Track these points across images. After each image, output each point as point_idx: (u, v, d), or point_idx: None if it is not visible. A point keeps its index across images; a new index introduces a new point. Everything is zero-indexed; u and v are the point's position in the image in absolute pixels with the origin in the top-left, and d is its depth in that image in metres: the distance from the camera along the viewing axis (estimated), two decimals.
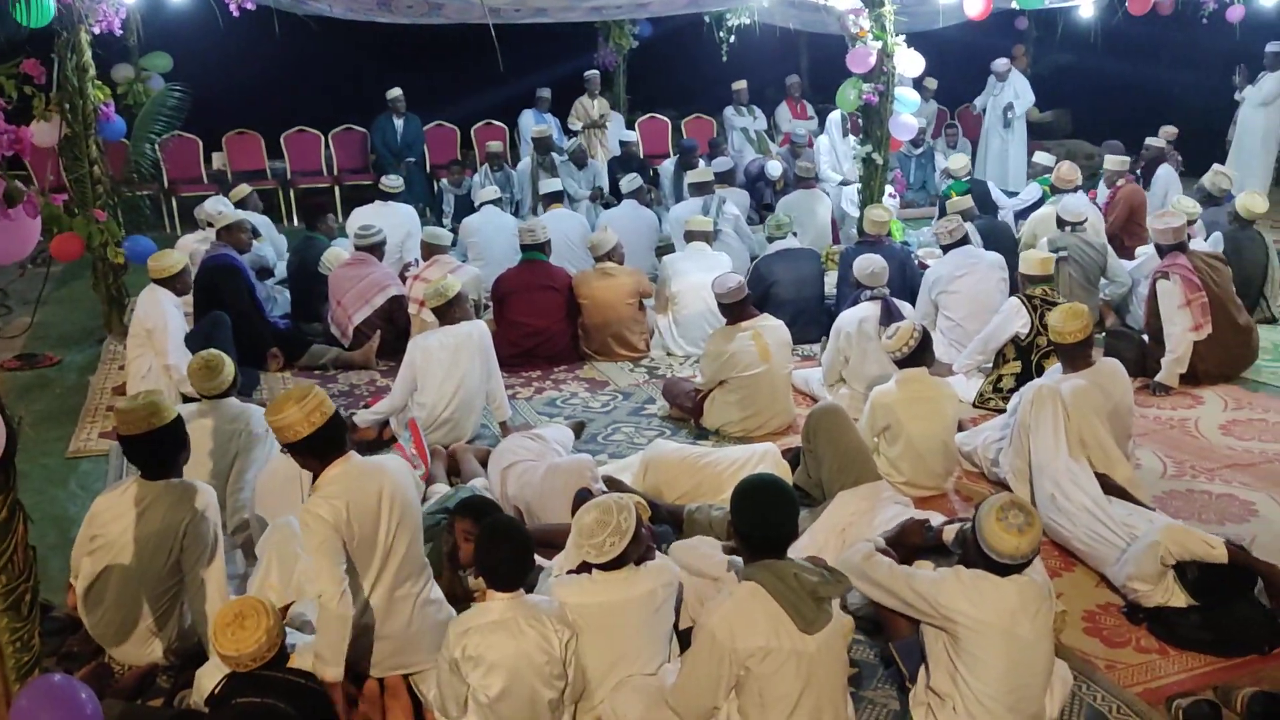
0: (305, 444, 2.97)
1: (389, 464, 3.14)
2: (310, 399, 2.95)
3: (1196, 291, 5.58)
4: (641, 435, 5.33)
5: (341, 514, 2.89)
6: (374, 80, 11.07)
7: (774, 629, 2.66)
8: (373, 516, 2.97)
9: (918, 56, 7.45)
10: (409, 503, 3.08)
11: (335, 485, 2.95)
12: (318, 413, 2.94)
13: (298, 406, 2.93)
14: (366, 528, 2.96)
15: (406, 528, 3.05)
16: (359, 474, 2.99)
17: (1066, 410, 4.00)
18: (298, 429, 2.93)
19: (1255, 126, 10.22)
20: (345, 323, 6.60)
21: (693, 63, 11.74)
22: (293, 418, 2.92)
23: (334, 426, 2.99)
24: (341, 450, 3.02)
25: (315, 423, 2.93)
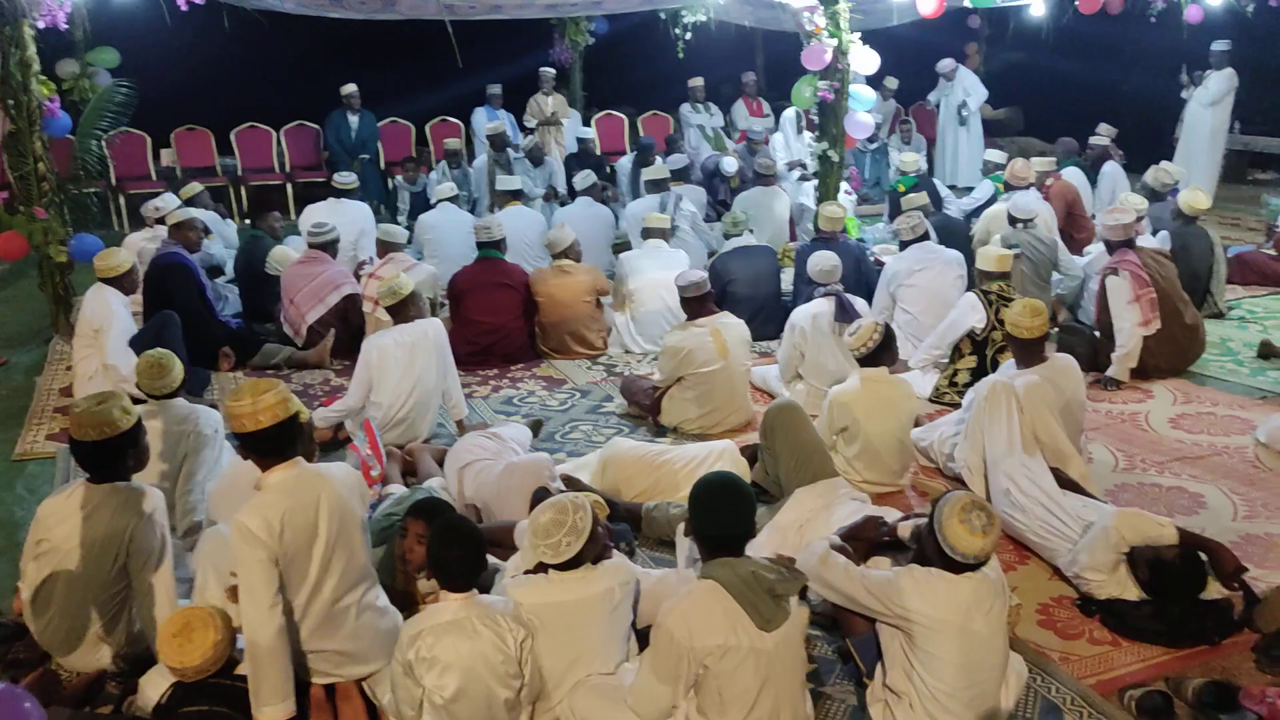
0: (249, 440, 2.88)
1: (333, 472, 3.03)
2: (265, 396, 2.86)
3: (1145, 287, 5.66)
4: (599, 433, 5.31)
5: (274, 527, 2.78)
6: (327, 76, 10.93)
7: (732, 627, 2.66)
8: (309, 528, 2.86)
9: (872, 54, 7.49)
10: (349, 512, 2.97)
11: (271, 494, 2.85)
12: (267, 412, 2.84)
13: (250, 400, 2.84)
14: (301, 540, 2.85)
15: (347, 539, 2.95)
16: (297, 483, 2.88)
17: (1020, 405, 4.04)
18: (243, 422, 2.84)
19: (1202, 125, 10.39)
20: (299, 321, 6.51)
21: (649, 60, 11.73)
22: (242, 409, 2.83)
23: (282, 430, 2.88)
24: (285, 456, 2.91)
25: (261, 421, 2.83)
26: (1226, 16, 9.92)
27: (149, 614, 3.20)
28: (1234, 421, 5.17)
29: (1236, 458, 4.76)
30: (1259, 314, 7.11)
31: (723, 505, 2.82)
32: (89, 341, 5.49)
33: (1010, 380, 4.16)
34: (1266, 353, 6.12)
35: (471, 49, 9.89)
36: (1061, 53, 12.33)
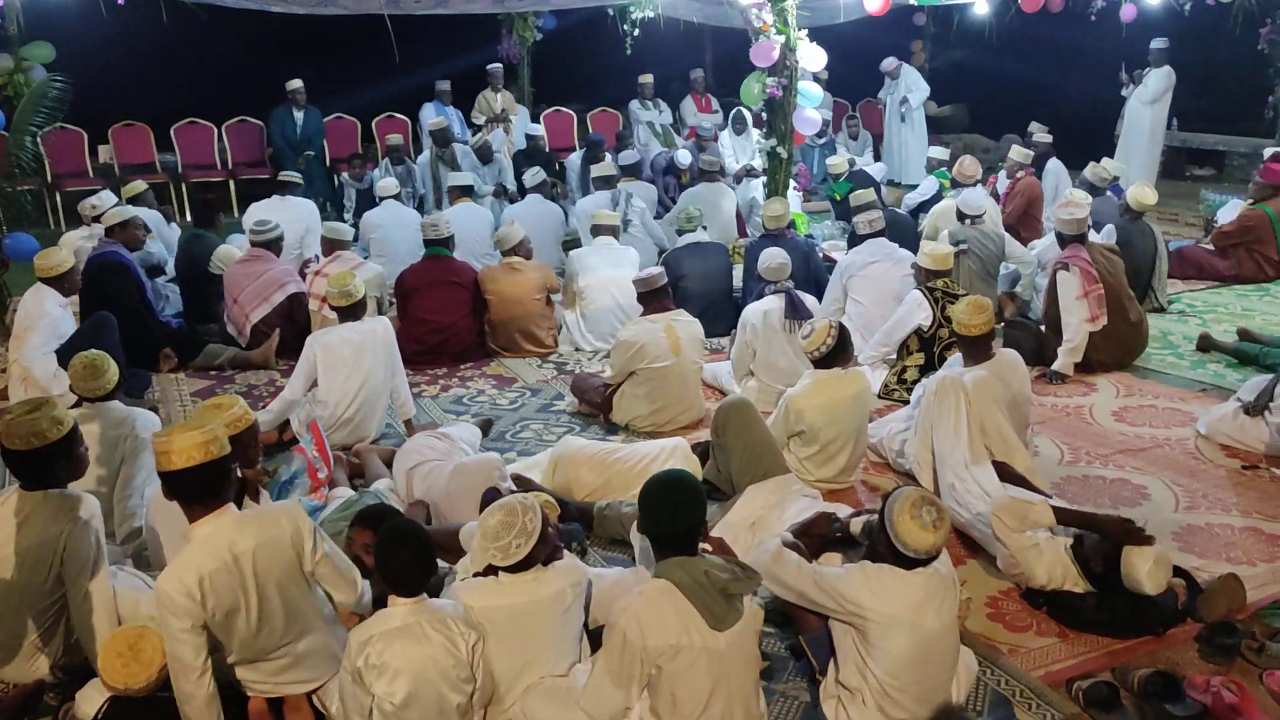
0: (170, 480, 2.74)
1: (266, 523, 2.84)
2: (192, 434, 2.70)
3: (1094, 283, 5.74)
4: (550, 432, 5.28)
5: (195, 593, 2.67)
6: (270, 71, 10.75)
7: (684, 627, 2.64)
8: (234, 591, 2.74)
9: (820, 51, 7.52)
10: (285, 568, 2.83)
11: (193, 553, 2.72)
12: (194, 450, 2.69)
13: (167, 437, 2.69)
14: (226, 602, 2.73)
15: (285, 596, 2.84)
16: (223, 539, 2.74)
17: (969, 400, 4.07)
18: (166, 459, 2.71)
19: (1141, 122, 10.59)
20: (242, 321, 6.39)
21: (597, 56, 11.69)
22: (165, 444, 2.70)
23: (208, 473, 2.73)
24: (211, 503, 2.77)
25: (174, 463, 2.69)
26: (1165, 15, 10.11)
27: (86, 623, 3.11)
28: (1175, 414, 5.26)
29: (1178, 449, 4.84)
30: (1198, 308, 7.25)
31: (672, 502, 2.80)
32: (22, 343, 5.35)
33: (958, 376, 4.19)
34: (1205, 346, 6.24)
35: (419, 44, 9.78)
36: (1005, 51, 12.50)
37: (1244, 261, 7.86)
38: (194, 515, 2.77)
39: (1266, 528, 4.02)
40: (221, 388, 6.01)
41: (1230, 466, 4.62)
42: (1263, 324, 6.68)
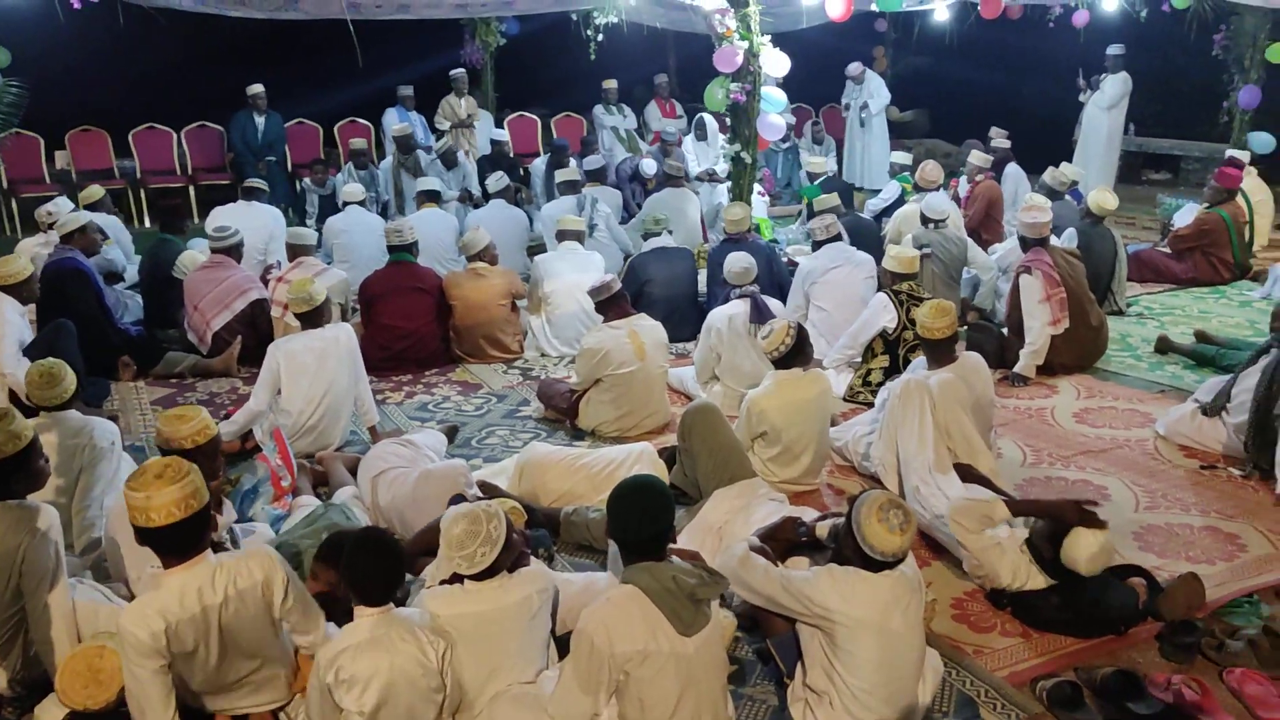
0: (146, 536, 2.66)
1: (235, 569, 2.78)
2: (169, 490, 2.61)
3: (1056, 287, 5.81)
4: (516, 438, 5.26)
5: (160, 638, 2.64)
6: (230, 75, 10.63)
7: (652, 632, 2.64)
8: (196, 641, 2.72)
9: (783, 56, 7.55)
10: (243, 609, 2.77)
11: (162, 598, 2.66)
12: (171, 508, 2.60)
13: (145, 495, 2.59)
14: (187, 648, 2.71)
15: (251, 648, 2.81)
16: (193, 589, 2.69)
17: (933, 403, 4.10)
18: (139, 516, 2.62)
19: (1099, 127, 10.74)
20: (203, 328, 6.31)
21: (561, 61, 11.66)
22: (139, 501, 2.61)
23: (187, 528, 2.65)
24: (186, 554, 2.71)
25: (154, 520, 2.60)
26: (1121, 21, 10.27)
27: (44, 636, 3.06)
28: (1134, 415, 5.34)
29: (1138, 450, 4.91)
30: (1156, 310, 7.36)
31: (640, 508, 2.80)
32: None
33: (923, 379, 4.23)
34: (1163, 348, 6.34)
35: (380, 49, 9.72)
36: (965, 57, 12.62)
37: (1200, 265, 7.99)
38: (168, 564, 2.72)
39: (1224, 527, 4.09)
40: (182, 396, 5.94)
41: (1189, 467, 4.69)
42: (1219, 326, 6.79)
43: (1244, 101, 9.96)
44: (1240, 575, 3.70)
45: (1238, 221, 7.99)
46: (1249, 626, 3.29)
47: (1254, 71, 9.95)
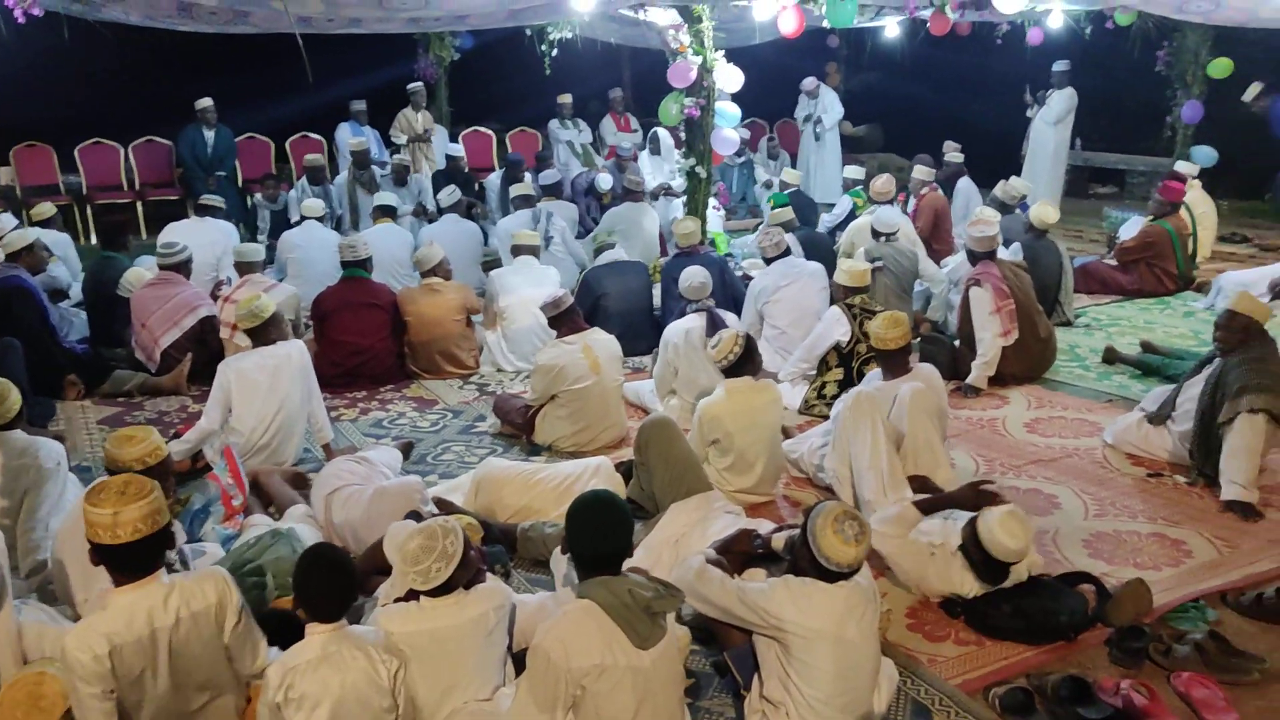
0: (103, 553, 2.63)
1: (187, 591, 2.73)
2: (130, 509, 2.58)
3: (1005, 299, 5.90)
4: (472, 454, 5.23)
5: (104, 661, 2.59)
6: (178, 89, 10.49)
7: (608, 646, 2.64)
8: (141, 665, 2.66)
9: (737, 71, 7.62)
10: (194, 632, 2.72)
11: (108, 619, 2.62)
12: (131, 526, 2.57)
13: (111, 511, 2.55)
14: (133, 674, 2.65)
15: (201, 675, 2.76)
16: (138, 608, 2.65)
17: (881, 414, 4.15)
18: (100, 533, 2.59)
19: (1046, 142, 10.95)
20: (151, 346, 6.22)
21: (516, 76, 11.66)
22: (101, 519, 2.58)
23: (145, 547, 2.62)
24: (140, 575, 2.67)
25: (120, 536, 2.57)
26: (1067, 38, 10.48)
27: None
28: (1083, 424, 5.42)
29: (1086, 459, 4.98)
30: (1103, 321, 7.49)
31: (599, 523, 2.80)
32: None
33: (875, 391, 4.28)
34: (1110, 358, 6.45)
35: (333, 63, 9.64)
36: (917, 72, 12.82)
37: (1145, 276, 8.15)
38: (119, 582, 2.68)
39: (1170, 533, 4.16)
40: (130, 415, 5.84)
41: (1136, 474, 4.77)
42: (1164, 336, 6.92)
43: (1187, 116, 10.21)
44: (1186, 581, 3.76)
45: (1181, 234, 8.16)
46: (1195, 631, 3.35)
47: (1196, 87, 10.21)
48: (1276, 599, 3.51)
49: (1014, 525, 3.40)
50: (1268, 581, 3.70)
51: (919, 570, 3.62)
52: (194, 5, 6.16)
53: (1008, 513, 3.44)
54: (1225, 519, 4.25)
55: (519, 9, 6.95)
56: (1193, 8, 7.24)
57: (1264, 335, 4.51)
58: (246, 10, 6.24)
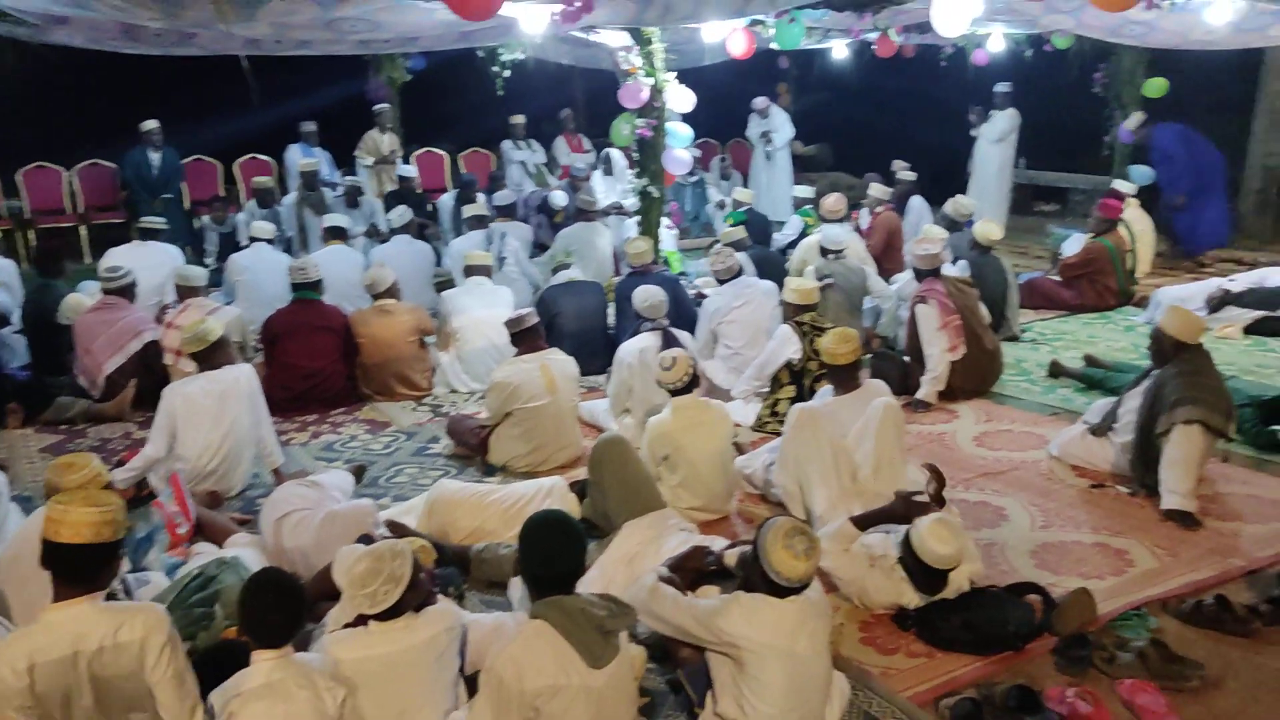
0: (53, 551, 2.62)
1: (118, 618, 2.67)
2: (90, 511, 2.61)
3: (951, 315, 6.00)
4: (426, 476, 5.20)
5: (22, 677, 2.56)
6: (124, 112, 10.37)
7: (562, 666, 2.64)
8: (66, 681, 2.61)
9: (688, 92, 7.70)
10: (116, 663, 2.66)
11: (35, 635, 2.59)
12: (89, 529, 2.60)
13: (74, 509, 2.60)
14: (56, 698, 2.61)
15: (115, 690, 2.68)
16: (65, 628, 2.61)
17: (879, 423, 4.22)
18: (58, 529, 2.60)
19: (990, 161, 11.17)
20: (95, 372, 6.11)
21: (468, 96, 11.68)
22: (61, 514, 2.61)
23: (93, 554, 2.63)
24: (78, 590, 2.64)
25: (61, 536, 2.60)
26: (1009, 59, 10.72)
27: None
28: (1030, 437, 5.51)
29: (1033, 471, 5.07)
30: (1048, 336, 7.63)
31: (552, 543, 2.82)
32: None
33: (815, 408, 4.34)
34: (1056, 372, 6.57)
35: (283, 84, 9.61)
36: (865, 93, 13.01)
37: (1087, 291, 8.32)
38: (59, 595, 2.65)
39: (1113, 543, 4.24)
40: (73, 443, 5.73)
41: (1080, 486, 4.86)
42: (1106, 350, 7.06)
43: (1124, 136, 10.45)
44: (1129, 589, 3.84)
45: (1120, 250, 8.35)
46: (1138, 639, 3.41)
47: (1132, 107, 10.46)
48: (1215, 606, 3.59)
49: (943, 532, 3.47)
50: (1207, 589, 3.78)
51: (859, 583, 3.67)
52: (139, 28, 6.10)
53: (936, 520, 3.52)
54: (1166, 528, 4.34)
55: (469, 31, 6.97)
56: (1127, 31, 7.44)
57: (1198, 349, 4.62)
58: (192, 32, 6.20)
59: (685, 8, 5.91)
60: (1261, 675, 3.30)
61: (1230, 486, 4.78)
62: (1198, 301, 7.68)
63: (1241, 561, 4.04)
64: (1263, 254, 10.11)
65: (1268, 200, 11.53)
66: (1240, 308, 7.52)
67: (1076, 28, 8.01)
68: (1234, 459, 5.05)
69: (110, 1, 4.99)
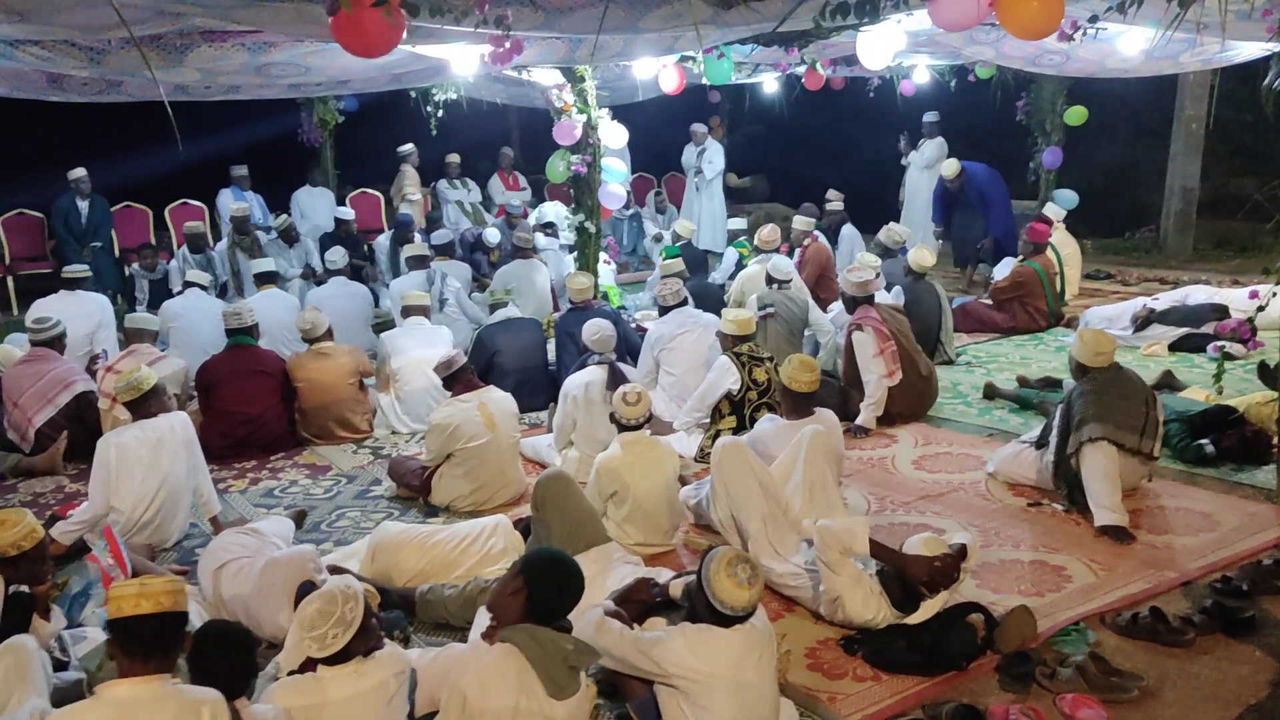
0: (116, 628, 2.57)
1: (182, 705, 2.53)
2: (155, 583, 2.56)
3: (887, 341, 6.10)
4: (368, 519, 5.14)
5: None
6: (50, 159, 10.20)
7: (524, 691, 2.67)
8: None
9: (621, 128, 7.78)
10: None
11: (93, 714, 2.51)
12: (132, 602, 2.53)
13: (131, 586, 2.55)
14: None
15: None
16: (129, 711, 2.49)
17: (807, 450, 4.29)
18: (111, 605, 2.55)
19: (921, 188, 11.41)
20: (24, 425, 5.97)
21: (402, 137, 11.68)
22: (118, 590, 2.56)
23: (154, 626, 2.54)
24: (149, 667, 2.54)
25: (123, 610, 2.54)
26: (935, 90, 11.00)
27: None
28: (968, 459, 5.61)
29: (971, 492, 5.16)
30: (982, 359, 7.79)
31: (567, 579, 2.91)
32: None
33: (738, 439, 4.39)
34: (990, 394, 6.70)
35: (212, 129, 9.51)
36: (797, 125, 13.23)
37: (1019, 314, 8.51)
38: (126, 670, 2.54)
39: (1050, 560, 4.32)
40: (3, 499, 5.58)
41: (1017, 504, 4.96)
42: (1038, 370, 7.22)
43: (1048, 162, 10.77)
44: (1067, 604, 3.91)
45: (1049, 272, 8.56)
46: (1077, 653, 3.47)
47: (1055, 134, 10.79)
48: (1151, 619, 3.67)
49: (932, 542, 3.65)
50: (1142, 601, 3.87)
51: (843, 591, 3.68)
52: (65, 76, 6.02)
53: (930, 535, 3.72)
54: (1101, 543, 4.44)
55: (400, 73, 6.98)
56: (1045, 61, 7.68)
57: (1107, 368, 4.78)
58: (119, 80, 6.12)
59: (615, 46, 5.98)
60: (1198, 684, 3.38)
61: (1162, 500, 4.91)
62: (1124, 320, 7.91)
63: (1175, 574, 4.14)
64: (1185, 273, 10.46)
65: (1188, 221, 11.93)
66: (1165, 325, 7.75)
67: (997, 58, 8.25)
68: (1165, 473, 5.18)
69: (35, 52, 4.92)
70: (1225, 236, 11.99)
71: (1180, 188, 11.80)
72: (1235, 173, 12.73)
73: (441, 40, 5.22)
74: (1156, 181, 12.22)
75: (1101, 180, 12.41)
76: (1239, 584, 3.92)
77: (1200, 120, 11.33)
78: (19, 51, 4.89)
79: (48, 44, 4.88)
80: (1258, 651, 3.56)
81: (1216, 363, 4.90)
